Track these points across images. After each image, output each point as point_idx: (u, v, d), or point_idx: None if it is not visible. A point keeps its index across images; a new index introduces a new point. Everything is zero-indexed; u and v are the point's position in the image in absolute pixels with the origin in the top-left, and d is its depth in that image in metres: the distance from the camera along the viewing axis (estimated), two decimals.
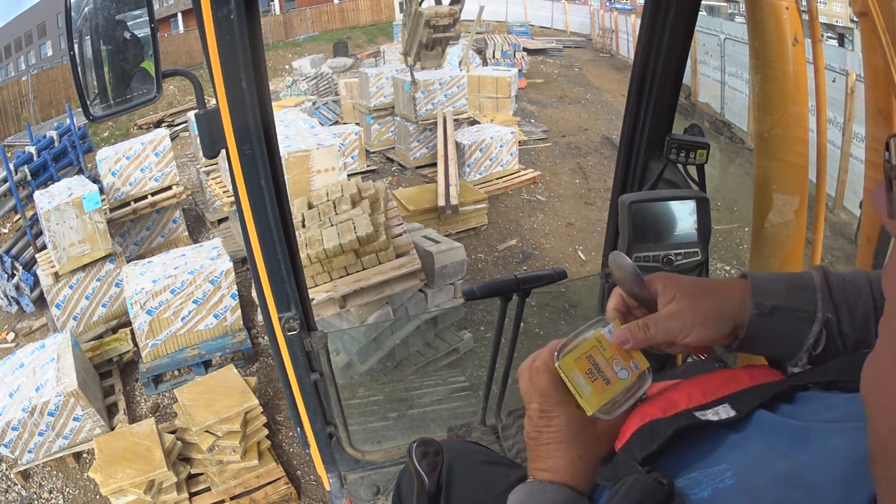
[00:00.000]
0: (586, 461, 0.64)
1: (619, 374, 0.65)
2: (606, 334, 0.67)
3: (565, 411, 0.65)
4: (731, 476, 0.50)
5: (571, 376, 0.65)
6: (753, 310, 0.65)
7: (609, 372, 0.65)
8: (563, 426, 0.65)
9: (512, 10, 19.25)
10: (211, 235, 6.07)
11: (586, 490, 0.63)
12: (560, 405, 0.65)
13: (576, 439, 0.64)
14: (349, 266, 4.01)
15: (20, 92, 12.05)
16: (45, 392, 3.39)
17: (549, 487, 0.63)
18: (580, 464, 0.64)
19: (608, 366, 0.65)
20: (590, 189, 7.18)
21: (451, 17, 4.88)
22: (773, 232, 1.61)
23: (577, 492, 0.63)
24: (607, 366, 0.65)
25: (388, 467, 1.99)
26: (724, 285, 0.68)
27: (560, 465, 0.64)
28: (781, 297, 0.65)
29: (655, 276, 0.70)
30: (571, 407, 0.65)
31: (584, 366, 0.65)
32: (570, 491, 0.63)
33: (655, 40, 1.44)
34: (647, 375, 0.65)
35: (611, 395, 0.64)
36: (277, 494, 3.26)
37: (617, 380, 0.64)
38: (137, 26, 1.21)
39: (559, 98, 11.10)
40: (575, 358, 0.66)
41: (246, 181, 1.35)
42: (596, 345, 0.66)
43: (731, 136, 8.09)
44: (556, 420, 0.65)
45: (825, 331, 0.63)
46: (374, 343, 4.05)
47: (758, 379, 0.61)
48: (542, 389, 0.66)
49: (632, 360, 0.65)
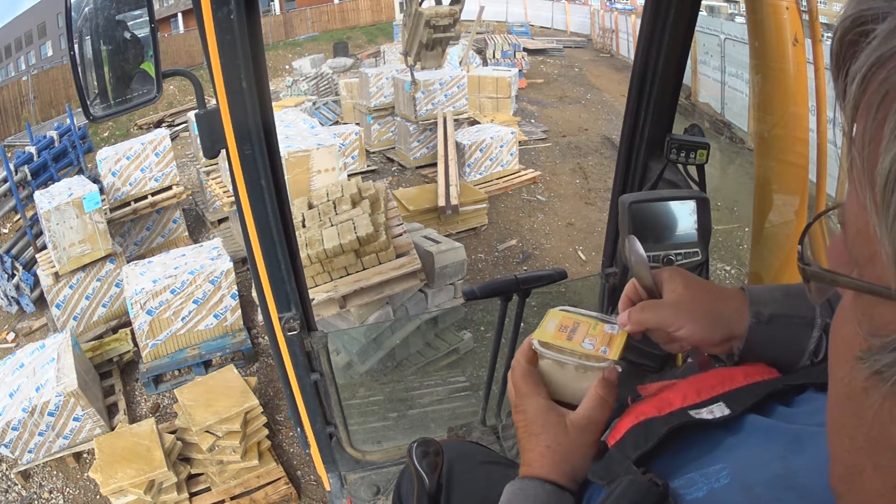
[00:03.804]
0: (555, 452, 0.64)
1: (584, 343, 0.66)
2: (606, 326, 0.68)
3: (532, 402, 0.66)
4: (726, 476, 0.50)
5: (546, 322, 0.68)
6: (752, 319, 0.65)
7: (578, 337, 0.67)
8: (530, 417, 0.66)
9: (512, 10, 19.25)
10: (211, 235, 6.07)
11: (566, 483, 0.63)
12: (527, 397, 0.67)
13: (542, 430, 0.65)
14: (349, 266, 4.01)
15: (20, 92, 12.06)
16: (45, 392, 3.39)
17: (526, 483, 0.64)
18: (549, 455, 0.64)
19: (582, 335, 0.67)
20: (590, 189, 7.18)
21: (452, 18, 4.88)
22: (773, 232, 1.60)
23: (550, 483, 0.63)
24: (581, 335, 0.67)
25: (389, 467, 1.99)
26: (725, 292, 0.69)
27: (532, 457, 0.65)
28: (779, 305, 0.65)
29: (665, 269, 0.71)
30: (538, 397, 0.66)
31: (565, 322, 0.68)
32: (540, 482, 0.63)
33: (655, 40, 1.44)
34: (613, 367, 0.65)
35: (560, 344, 0.66)
36: (277, 494, 3.26)
37: (578, 345, 0.66)
38: (137, 26, 1.21)
39: (559, 98, 11.10)
40: (563, 315, 0.69)
41: (246, 181, 1.35)
42: (589, 322, 0.68)
43: (731, 136, 8.09)
44: (525, 412, 0.66)
45: (826, 336, 0.63)
46: (374, 343, 4.05)
47: (753, 377, 0.61)
48: (515, 383, 0.68)
49: (607, 346, 0.66)
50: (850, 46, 0.31)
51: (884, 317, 0.30)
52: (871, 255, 0.30)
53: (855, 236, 0.32)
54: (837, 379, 0.35)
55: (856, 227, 0.32)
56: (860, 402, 0.31)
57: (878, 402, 0.30)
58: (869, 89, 0.29)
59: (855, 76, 0.30)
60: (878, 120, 0.28)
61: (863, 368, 0.31)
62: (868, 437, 0.32)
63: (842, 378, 0.34)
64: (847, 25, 0.31)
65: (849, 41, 0.31)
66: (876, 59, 0.28)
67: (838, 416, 0.35)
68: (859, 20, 0.30)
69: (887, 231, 0.28)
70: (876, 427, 0.31)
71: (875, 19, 0.29)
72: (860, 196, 0.30)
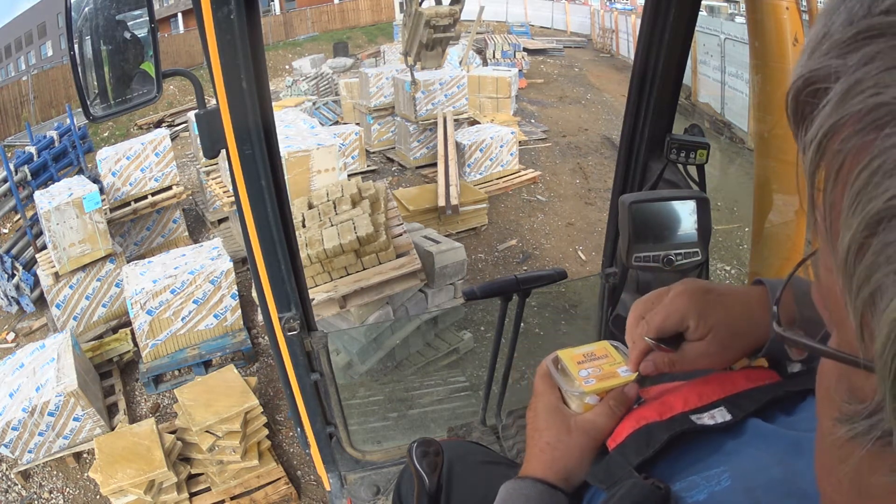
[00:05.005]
0: (554, 449, 0.64)
1: (584, 373, 0.66)
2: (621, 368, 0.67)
3: (543, 401, 0.67)
4: (727, 478, 0.50)
5: (591, 345, 0.70)
6: (772, 333, 0.63)
7: (588, 366, 0.67)
8: (539, 414, 0.67)
9: (512, 10, 19.25)
10: (211, 235, 6.07)
11: (559, 483, 0.63)
12: (541, 396, 0.68)
13: (546, 427, 0.65)
14: (349, 266, 4.01)
15: (20, 92, 12.06)
16: (45, 392, 3.39)
17: (519, 483, 0.64)
18: (548, 451, 0.64)
19: (594, 366, 0.67)
20: (590, 189, 7.18)
21: (452, 18, 4.87)
22: (774, 232, 1.60)
23: (543, 483, 0.63)
24: (594, 366, 0.67)
25: (389, 467, 1.99)
26: (749, 313, 0.64)
27: (532, 454, 0.65)
28: None
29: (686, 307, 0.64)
30: (550, 397, 0.67)
31: (600, 352, 0.69)
32: (532, 482, 0.63)
33: (655, 40, 1.44)
34: (634, 384, 0.65)
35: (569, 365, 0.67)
36: (277, 494, 3.26)
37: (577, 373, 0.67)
38: (137, 26, 1.21)
39: (559, 98, 11.10)
40: (606, 347, 0.70)
41: (246, 181, 1.35)
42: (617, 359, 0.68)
43: (732, 136, 8.10)
44: (536, 409, 0.67)
45: None
46: (374, 343, 4.05)
47: (754, 381, 0.61)
48: (535, 382, 0.69)
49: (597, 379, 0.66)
50: (804, 107, 0.29)
51: (858, 382, 0.30)
52: (842, 319, 0.29)
53: (827, 295, 0.31)
54: (822, 427, 0.35)
55: (827, 286, 0.31)
56: (843, 457, 0.31)
57: (857, 461, 0.30)
58: (826, 157, 0.28)
59: (811, 142, 0.28)
60: (837, 188, 0.27)
61: (841, 432, 0.31)
62: (851, 484, 0.32)
63: (826, 429, 0.34)
64: (799, 85, 0.29)
65: (803, 101, 0.29)
66: (830, 126, 0.27)
67: (825, 458, 0.35)
68: (811, 80, 0.28)
69: (852, 304, 0.27)
70: (856, 478, 0.31)
71: (827, 78, 0.27)
72: (827, 260, 0.29)
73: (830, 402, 0.33)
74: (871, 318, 0.26)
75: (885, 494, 0.29)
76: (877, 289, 0.25)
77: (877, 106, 0.25)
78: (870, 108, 0.25)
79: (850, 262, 0.26)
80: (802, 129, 0.29)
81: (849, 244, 0.26)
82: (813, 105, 0.28)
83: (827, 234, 0.29)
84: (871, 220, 0.25)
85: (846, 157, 0.26)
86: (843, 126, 0.26)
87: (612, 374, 0.66)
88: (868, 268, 0.25)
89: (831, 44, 0.27)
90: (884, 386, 0.25)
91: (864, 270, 0.26)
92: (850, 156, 0.26)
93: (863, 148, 0.25)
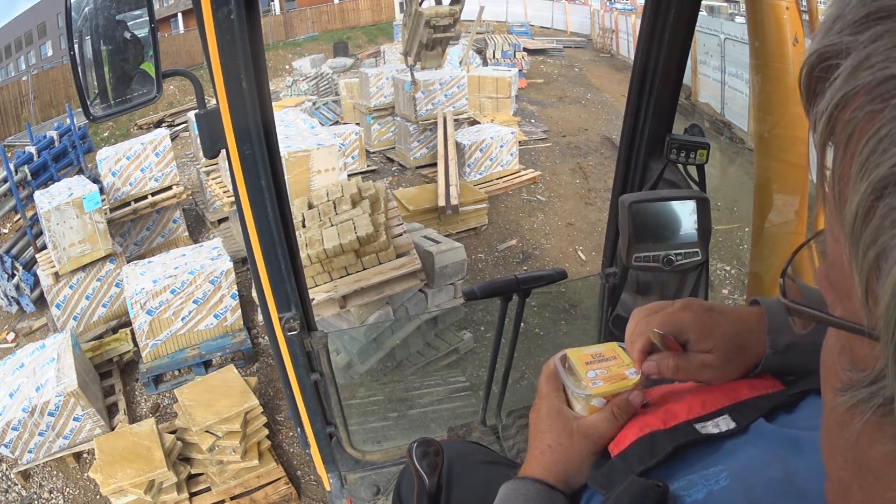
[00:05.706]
0: (555, 451, 0.64)
1: (591, 374, 0.66)
2: (629, 370, 0.67)
3: (546, 402, 0.67)
4: (725, 477, 0.50)
5: (601, 346, 0.69)
6: (769, 349, 0.64)
7: (597, 367, 0.67)
8: (542, 416, 0.67)
9: (512, 10, 19.25)
10: (211, 235, 6.07)
11: (558, 484, 0.63)
12: (545, 397, 0.68)
13: (548, 429, 0.65)
14: (349, 266, 4.01)
15: (20, 92, 12.06)
16: (45, 392, 3.39)
17: (518, 484, 0.64)
18: (548, 453, 0.64)
19: (602, 367, 0.67)
20: (590, 189, 7.18)
21: (452, 18, 4.86)
22: (774, 232, 1.60)
23: (541, 483, 0.63)
24: (602, 367, 0.67)
25: (389, 467, 1.99)
26: (747, 329, 0.65)
27: (532, 455, 0.66)
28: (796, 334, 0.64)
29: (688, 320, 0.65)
30: (554, 399, 0.67)
31: (608, 353, 0.69)
32: (531, 482, 0.63)
33: (655, 40, 1.44)
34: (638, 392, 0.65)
35: (576, 365, 0.67)
36: (277, 494, 3.26)
37: (584, 373, 0.66)
38: (137, 26, 1.21)
39: (559, 98, 11.10)
40: (615, 349, 0.69)
41: (246, 181, 1.35)
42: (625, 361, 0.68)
43: (732, 136, 8.09)
44: (539, 410, 0.67)
45: None
46: (374, 343, 4.05)
47: (758, 389, 0.61)
48: (540, 383, 0.69)
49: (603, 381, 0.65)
50: (817, 82, 0.30)
51: (861, 351, 0.30)
52: (848, 289, 0.30)
53: (833, 267, 0.32)
54: (826, 404, 0.36)
55: (833, 258, 0.32)
56: (844, 428, 0.32)
57: (858, 431, 0.31)
58: (836, 128, 0.29)
59: (822, 114, 0.29)
60: (846, 159, 0.28)
61: (842, 400, 0.32)
62: (853, 459, 0.33)
63: (829, 404, 0.35)
64: (813, 61, 0.30)
65: (815, 77, 0.30)
66: (840, 97, 0.28)
67: (830, 437, 0.36)
68: (824, 55, 0.29)
69: (858, 270, 0.28)
70: (857, 451, 0.32)
71: (839, 54, 0.28)
72: (835, 230, 0.30)
73: (833, 374, 0.34)
74: (876, 282, 0.27)
75: (886, 464, 0.30)
76: (882, 251, 0.26)
77: (886, 79, 0.26)
78: (879, 80, 0.26)
79: (858, 227, 0.28)
80: (814, 103, 0.31)
81: (856, 209, 0.27)
82: (825, 80, 0.29)
83: (836, 203, 0.30)
84: (877, 184, 0.26)
85: (856, 126, 0.28)
86: (853, 97, 0.28)
87: (619, 377, 0.65)
88: (875, 230, 0.27)
89: (844, 23, 0.29)
90: (887, 350, 0.27)
91: (870, 234, 0.27)
92: (859, 125, 0.27)
93: (871, 117, 0.27)
